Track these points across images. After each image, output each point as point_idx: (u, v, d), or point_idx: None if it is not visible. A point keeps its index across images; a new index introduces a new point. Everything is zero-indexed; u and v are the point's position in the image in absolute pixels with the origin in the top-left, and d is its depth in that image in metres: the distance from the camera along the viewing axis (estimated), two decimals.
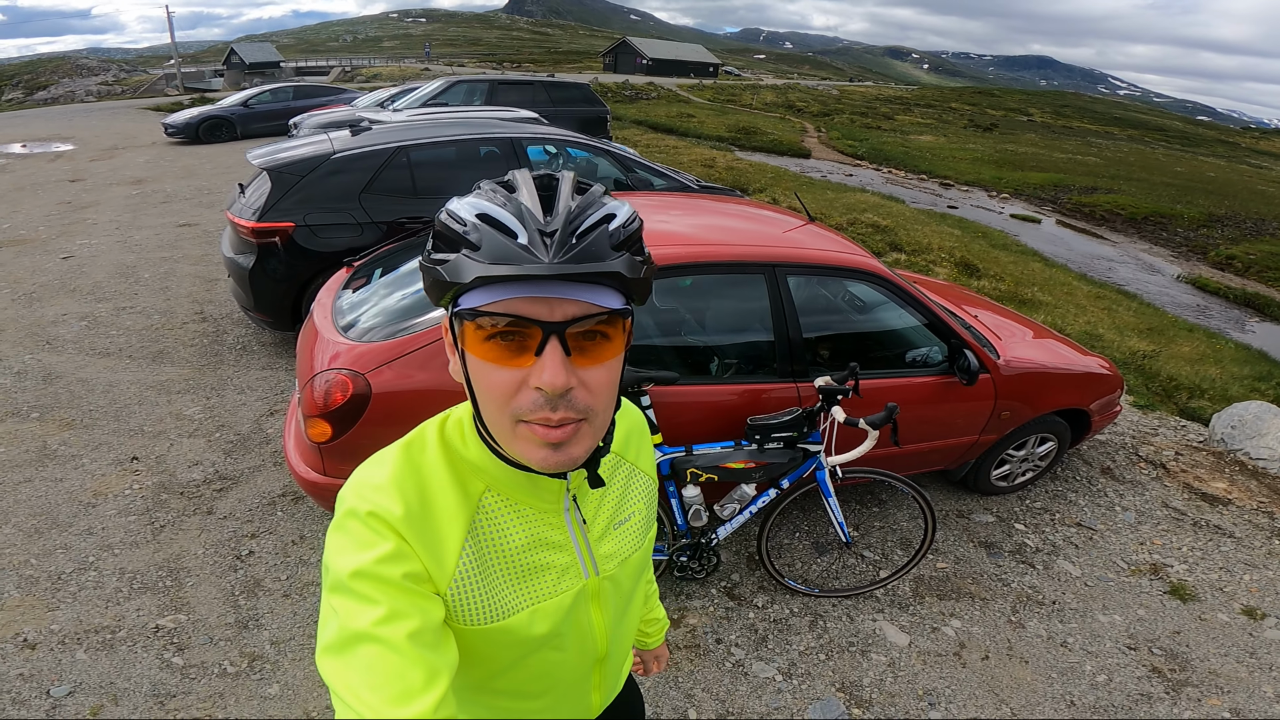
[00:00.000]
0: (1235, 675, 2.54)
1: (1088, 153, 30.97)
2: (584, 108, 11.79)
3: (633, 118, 26.00)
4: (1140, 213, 16.64)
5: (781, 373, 2.51)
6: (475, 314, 0.61)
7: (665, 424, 2.36)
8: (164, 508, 3.04)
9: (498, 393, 0.64)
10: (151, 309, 5.25)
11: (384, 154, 4.31)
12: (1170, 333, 7.60)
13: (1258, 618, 2.83)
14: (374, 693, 0.56)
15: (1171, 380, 5.59)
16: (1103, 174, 22.95)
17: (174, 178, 10.45)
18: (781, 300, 2.47)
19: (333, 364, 2.24)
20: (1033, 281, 8.44)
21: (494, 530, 0.75)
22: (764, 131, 26.08)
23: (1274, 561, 3.18)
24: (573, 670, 0.89)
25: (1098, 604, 2.83)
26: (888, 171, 21.52)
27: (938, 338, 2.79)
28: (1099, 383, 3.29)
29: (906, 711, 2.30)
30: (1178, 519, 3.44)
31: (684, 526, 2.39)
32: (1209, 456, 4.00)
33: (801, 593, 2.70)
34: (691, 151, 17.53)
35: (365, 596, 0.61)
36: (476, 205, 0.62)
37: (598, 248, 0.60)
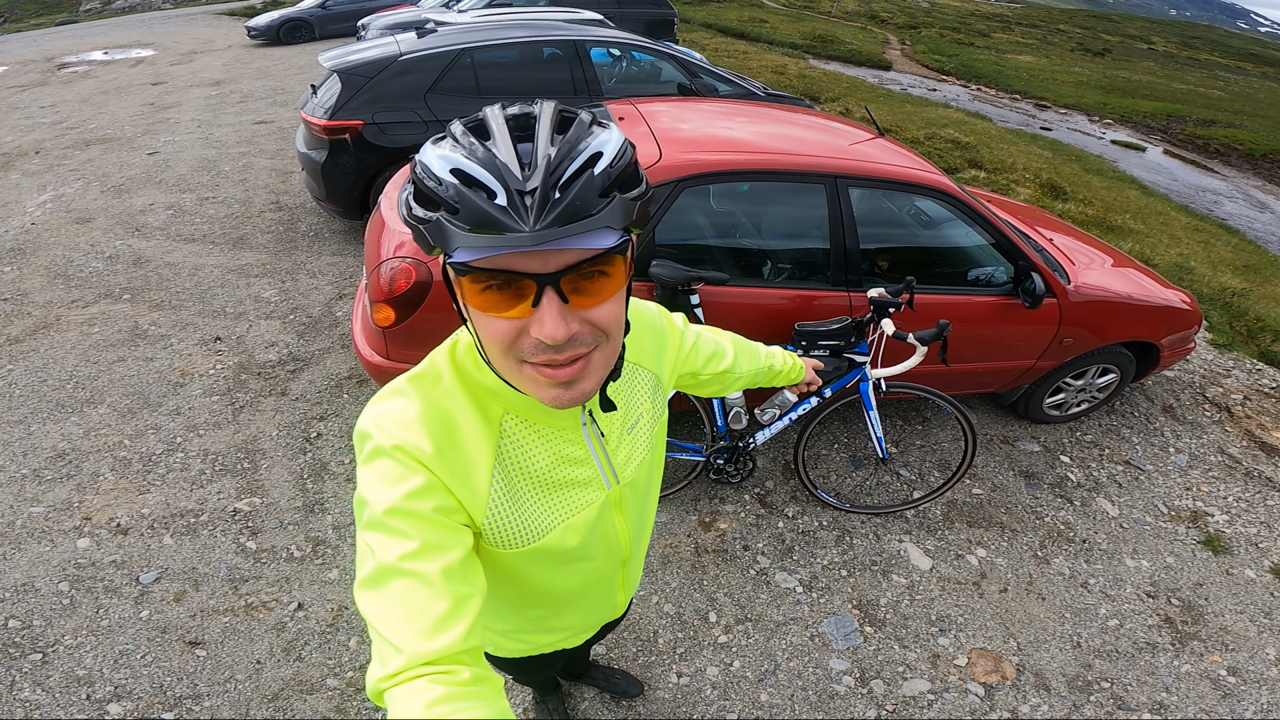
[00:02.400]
0: (1244, 633, 2.51)
1: (1213, 86, 27.57)
2: (650, 10, 11.22)
3: (701, 20, 24.54)
4: (1261, 149, 14.94)
5: (835, 281, 2.51)
6: (467, 269, 0.60)
7: (714, 322, 2.38)
8: (243, 388, 3.25)
9: (499, 340, 0.64)
10: (232, 199, 5.54)
11: (449, 56, 4.36)
12: (1268, 272, 7.01)
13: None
14: (407, 624, 0.59)
15: (1259, 321, 5.21)
16: (1226, 108, 20.51)
17: (250, 79, 10.65)
18: (841, 211, 2.46)
19: (398, 252, 2.34)
20: (1125, 209, 7.84)
21: (519, 453, 0.76)
22: (842, 40, 24.25)
23: None
24: (601, 575, 0.93)
25: (1128, 547, 2.81)
26: (977, 88, 19.84)
27: (1004, 258, 2.71)
28: (1176, 317, 3.12)
29: (917, 635, 2.36)
30: (1230, 467, 3.32)
31: (724, 428, 2.41)
32: (1279, 405, 3.80)
33: (833, 506, 2.73)
34: (763, 58, 16.59)
35: (399, 531, 0.64)
36: (450, 159, 0.59)
37: (583, 199, 0.57)
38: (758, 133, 2.76)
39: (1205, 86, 26.76)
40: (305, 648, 2.17)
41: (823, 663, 2.25)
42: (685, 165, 2.39)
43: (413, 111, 4.25)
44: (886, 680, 2.23)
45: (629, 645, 2.25)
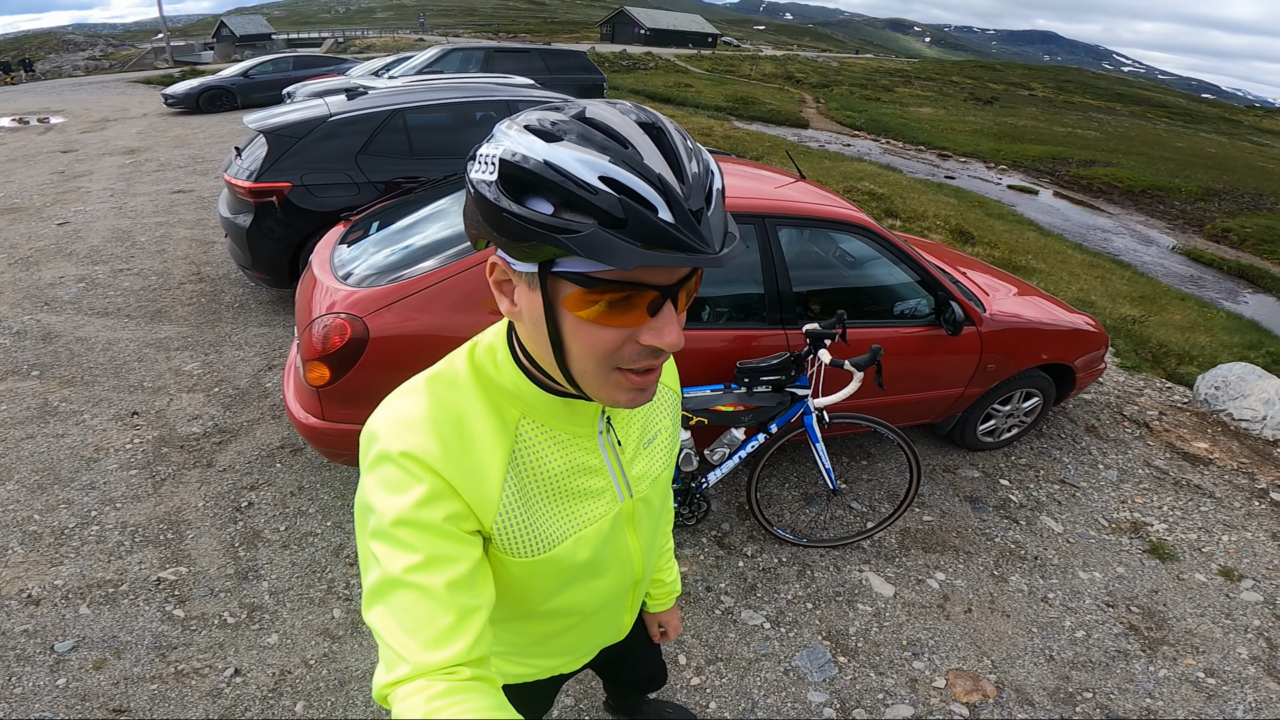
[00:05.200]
0: (1211, 635, 2.59)
1: (1088, 127, 30.71)
2: (580, 75, 11.69)
3: (630, 87, 25.69)
4: (1138, 185, 16.59)
5: (771, 320, 2.58)
6: (592, 281, 0.57)
7: None
8: (164, 461, 3.08)
9: (604, 347, 0.62)
10: (148, 270, 5.27)
11: (380, 116, 4.35)
12: (1162, 301, 7.66)
13: (1235, 579, 2.89)
14: (411, 636, 0.59)
15: (1161, 346, 5.65)
16: (1102, 148, 22.81)
17: (167, 147, 10.36)
18: (772, 251, 2.54)
19: (331, 309, 2.29)
20: (1027, 249, 8.46)
21: (533, 458, 0.74)
22: (762, 101, 25.80)
23: (1253, 523, 3.24)
24: (612, 595, 0.90)
25: (1078, 561, 2.90)
26: (886, 142, 21.35)
27: (925, 291, 2.86)
28: (1084, 339, 3.35)
29: (891, 661, 2.35)
30: (1159, 478, 3.51)
31: (675, 471, 2.48)
32: (1192, 417, 4.08)
33: (790, 542, 2.75)
34: (689, 121, 17.38)
35: (404, 543, 0.62)
36: (592, 163, 0.54)
37: (724, 218, 0.59)
38: None
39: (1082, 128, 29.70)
40: (246, 713, 2.04)
41: (801, 696, 2.21)
42: None
43: (343, 173, 4.19)
44: (868, 709, 2.19)
45: (599, 694, 2.15)
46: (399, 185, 4.21)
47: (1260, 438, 3.89)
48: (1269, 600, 2.79)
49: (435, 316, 2.27)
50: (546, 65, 11.44)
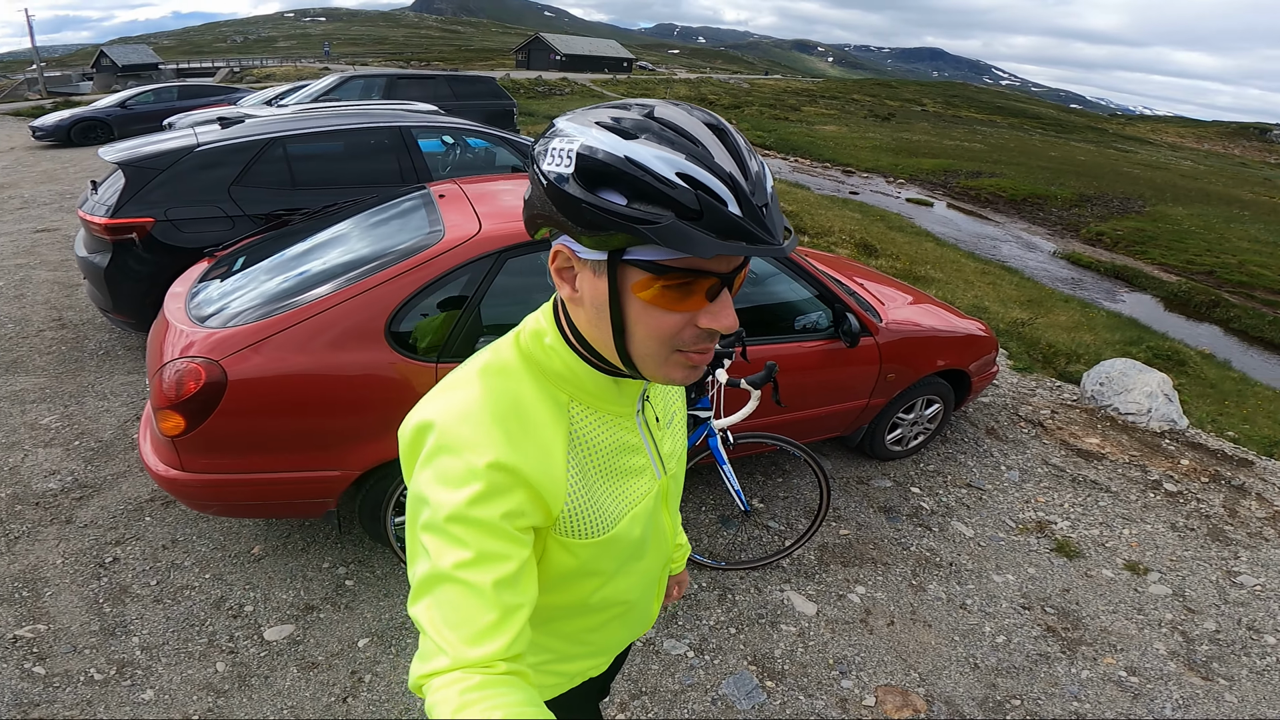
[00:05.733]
0: (1126, 633, 2.65)
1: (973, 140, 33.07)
2: (490, 101, 11.54)
3: (545, 113, 25.69)
4: (1019, 194, 17.91)
5: None
6: (661, 268, 0.62)
7: None
8: (18, 519, 2.83)
9: (665, 332, 0.66)
10: (4, 317, 4.77)
11: (256, 146, 4.08)
12: (1048, 304, 8.20)
13: (1140, 572, 2.99)
14: (454, 630, 0.60)
15: (1050, 347, 6.00)
16: (986, 159, 24.55)
17: (32, 183, 9.54)
18: None
19: (185, 352, 2.12)
20: (926, 260, 8.90)
21: (587, 439, 0.76)
22: None
23: (1150, 515, 3.39)
24: (650, 575, 0.93)
25: (991, 564, 2.95)
26: (795, 160, 22.24)
27: (823, 304, 2.88)
28: (976, 344, 3.47)
29: (819, 681, 2.31)
30: (1058, 476, 3.65)
31: None
32: (1082, 414, 4.30)
33: (708, 566, 2.71)
34: None
35: (457, 539, 0.63)
36: (670, 160, 0.59)
37: (781, 215, 0.64)
38: None
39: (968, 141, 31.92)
40: None
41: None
42: (507, 235, 2.35)
43: (215, 206, 3.90)
44: None
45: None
46: (279, 218, 3.94)
47: (1147, 430, 4.13)
48: (1177, 592, 2.89)
49: (312, 355, 2.10)
50: (453, 91, 11.24)
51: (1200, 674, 2.50)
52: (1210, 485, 3.65)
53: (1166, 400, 4.17)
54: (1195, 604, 2.84)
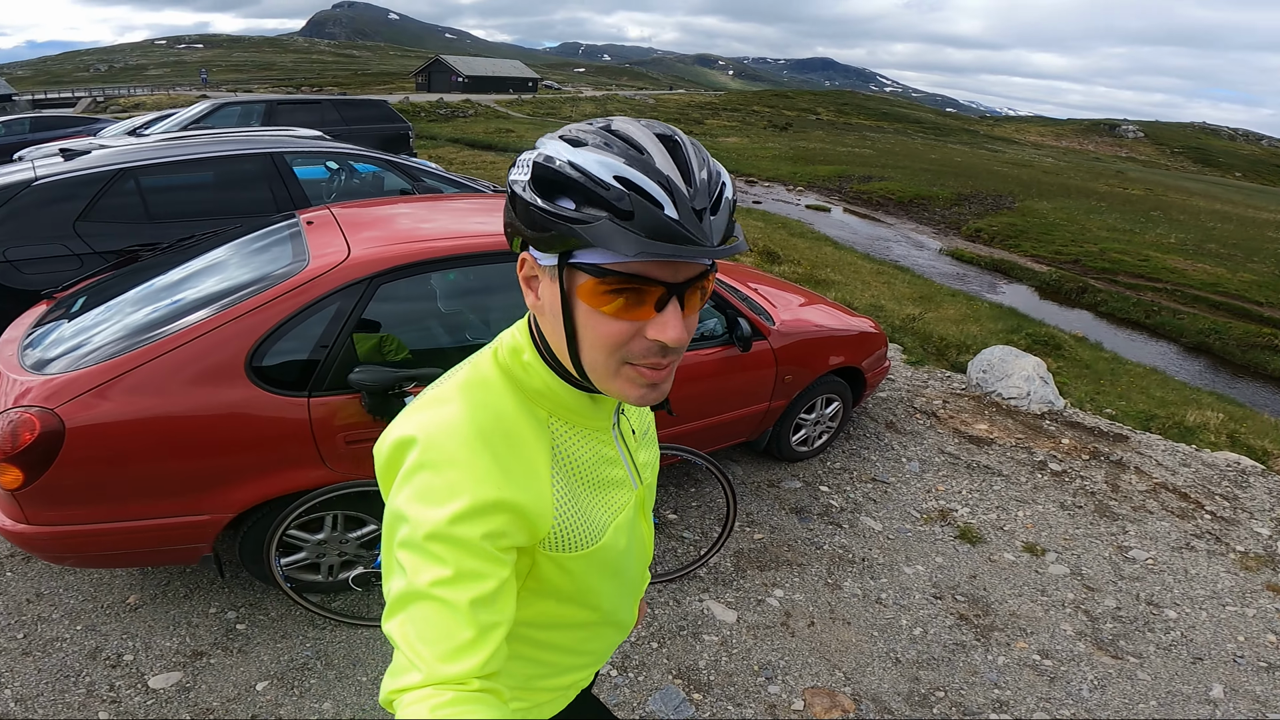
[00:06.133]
0: (1034, 615, 2.75)
1: (864, 145, 35.09)
2: (383, 125, 11.16)
3: (448, 136, 25.23)
4: (906, 196, 19.10)
5: None
6: (603, 271, 0.63)
7: None
8: None
9: (610, 340, 0.66)
10: None
11: (102, 178, 3.73)
12: (938, 299, 8.70)
13: (1039, 553, 3.12)
14: (428, 646, 0.59)
15: (941, 339, 6.34)
16: (876, 164, 26.06)
17: None
18: None
19: (18, 402, 1.96)
20: (826, 263, 9.27)
21: (569, 452, 0.77)
22: None
23: (1040, 495, 3.57)
24: (634, 582, 0.94)
25: (901, 556, 3.02)
26: None
27: (717, 311, 2.91)
28: (867, 341, 3.58)
29: (746, 689, 2.28)
30: (954, 463, 3.80)
31: None
32: (970, 401, 4.54)
33: None
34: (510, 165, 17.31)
35: (435, 556, 0.62)
36: (609, 164, 0.61)
37: (730, 221, 0.64)
38: (461, 220, 2.73)
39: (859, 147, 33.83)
40: None
41: None
42: (377, 260, 2.25)
43: (60, 244, 3.53)
44: None
45: None
46: (133, 254, 3.60)
47: (1029, 413, 4.40)
48: (1075, 571, 3.03)
49: (164, 397, 1.97)
50: (342, 117, 10.81)
51: (1109, 653, 2.59)
52: (1092, 462, 3.91)
53: (1042, 382, 4.47)
54: (1093, 582, 2.97)
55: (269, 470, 2.10)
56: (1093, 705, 2.36)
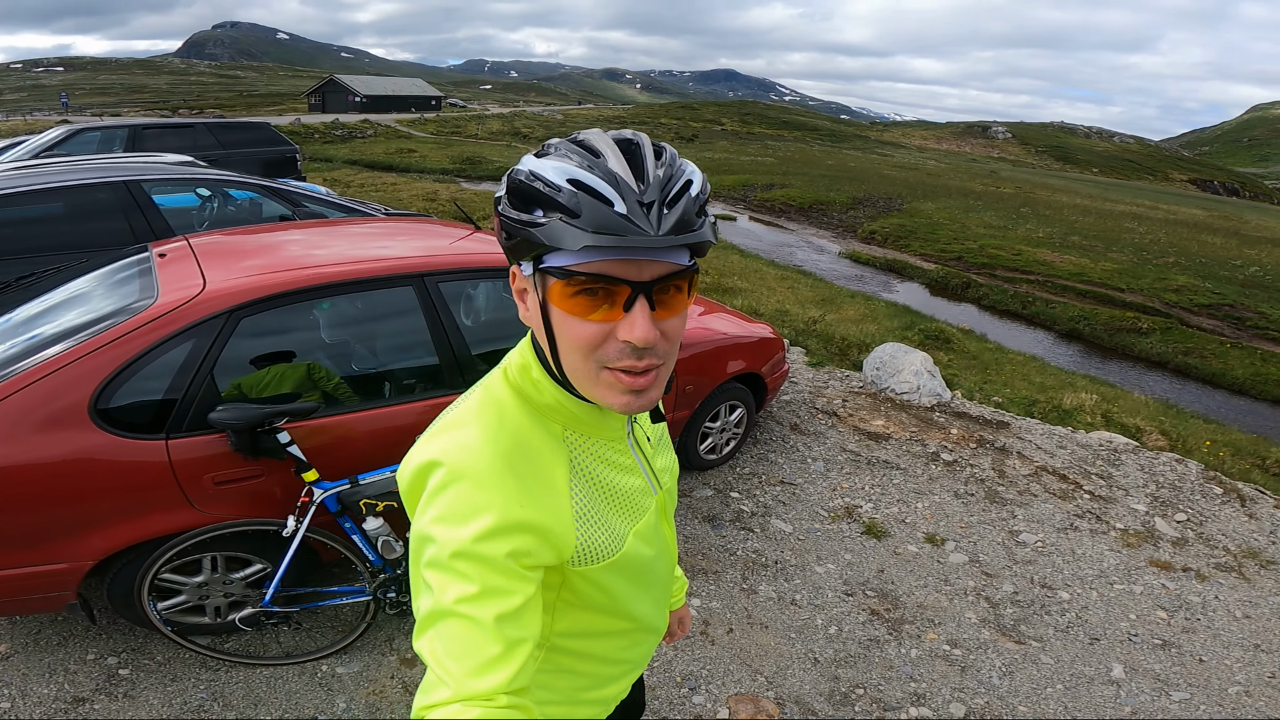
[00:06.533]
0: (940, 605, 2.83)
1: (766, 154, 36.46)
2: (266, 149, 10.54)
3: (345, 158, 24.21)
4: (806, 202, 19.93)
5: (455, 384, 2.46)
6: (567, 273, 0.65)
7: (328, 458, 2.16)
8: None
9: (584, 343, 0.68)
10: None
11: None
12: (838, 300, 9.08)
13: (939, 543, 3.24)
14: (456, 662, 0.61)
15: (842, 340, 6.60)
16: (777, 171, 27.07)
17: None
18: (437, 309, 2.43)
19: None
20: (733, 272, 9.49)
21: (586, 465, 0.79)
22: (490, 160, 26.11)
23: (936, 485, 3.73)
24: (665, 585, 0.96)
25: (812, 556, 3.07)
26: None
27: None
28: (766, 346, 3.67)
29: (671, 701, 2.26)
30: (855, 460, 3.93)
31: (379, 561, 2.22)
32: (867, 399, 4.73)
33: None
34: (413, 187, 16.84)
35: (461, 574, 0.64)
36: (563, 169, 0.65)
37: (688, 216, 0.66)
38: (338, 246, 2.63)
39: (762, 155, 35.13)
40: None
41: None
42: (236, 293, 2.13)
43: None
44: None
45: None
46: None
47: (920, 406, 4.62)
48: (973, 558, 3.16)
49: (5, 445, 1.82)
50: (218, 141, 10.14)
51: (1013, 638, 2.69)
52: (979, 450, 4.15)
53: (930, 376, 4.72)
54: (990, 568, 3.11)
55: (129, 515, 1.96)
56: (1004, 692, 2.43)
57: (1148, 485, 3.92)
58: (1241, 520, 3.66)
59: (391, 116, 52.76)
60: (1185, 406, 7.48)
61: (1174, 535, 3.46)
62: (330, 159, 23.38)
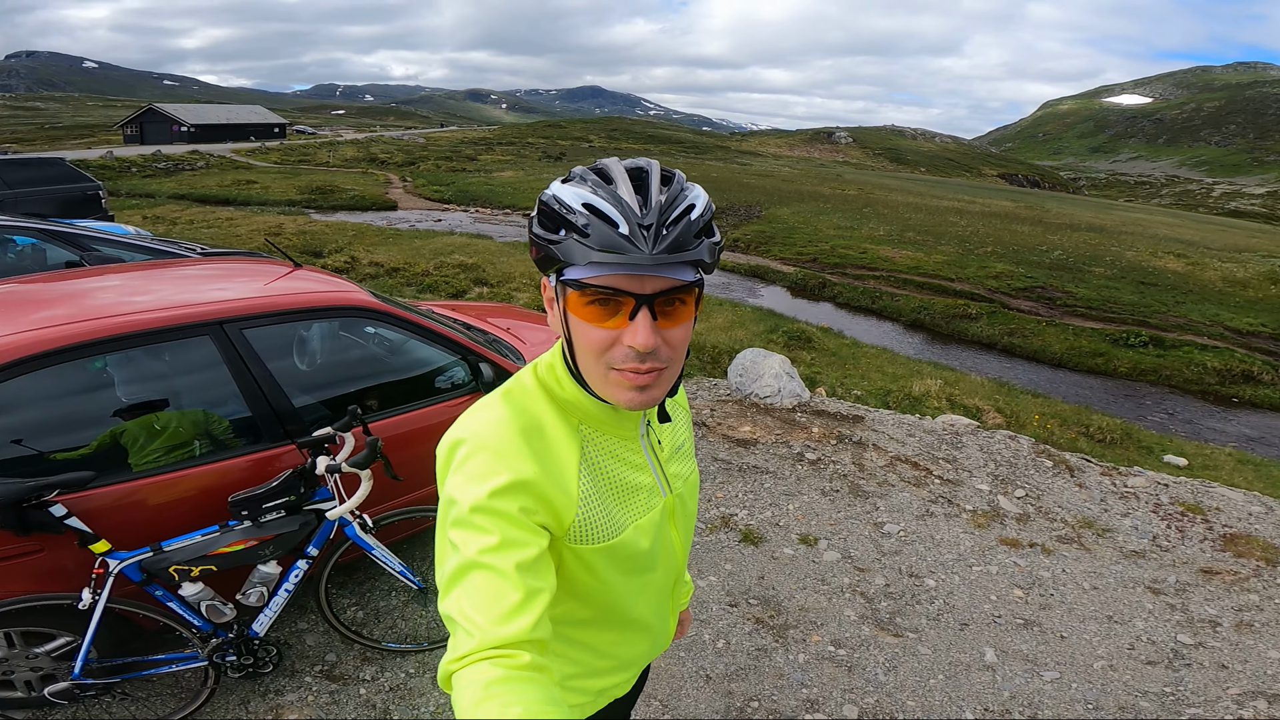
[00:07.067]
0: (820, 606, 2.83)
1: None
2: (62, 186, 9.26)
3: (171, 192, 21.90)
4: None
5: (272, 436, 2.30)
6: (580, 285, 0.76)
7: (119, 528, 2.01)
8: None
9: (595, 346, 0.78)
10: None
11: None
12: (708, 308, 9.31)
13: (813, 543, 3.27)
14: (481, 612, 0.68)
15: (714, 348, 6.73)
16: None
17: None
18: (242, 357, 2.25)
19: None
20: None
21: (597, 456, 0.88)
22: (343, 189, 24.67)
23: (804, 485, 3.79)
24: (662, 589, 1.03)
25: (694, 570, 3.01)
26: (475, 211, 22.39)
27: (454, 357, 2.81)
28: None
29: None
30: (727, 468, 3.94)
31: (207, 625, 2.14)
32: (734, 405, 4.80)
33: (411, 651, 2.53)
34: (253, 221, 15.51)
35: (481, 528, 0.73)
36: (580, 195, 0.75)
37: (684, 237, 0.74)
38: (112, 298, 2.34)
39: None
40: None
41: None
42: None
43: None
44: None
45: None
46: None
47: (783, 408, 4.75)
48: (845, 554, 3.21)
49: None
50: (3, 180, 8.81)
51: (891, 632, 2.73)
52: (839, 446, 4.30)
53: (790, 378, 4.87)
54: (861, 562, 3.17)
55: None
56: (891, 688, 2.46)
57: (988, 465, 4.21)
58: (1073, 491, 3.99)
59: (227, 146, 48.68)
60: (1015, 383, 8.33)
61: (1017, 512, 3.71)
62: (153, 194, 21.09)
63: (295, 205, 21.02)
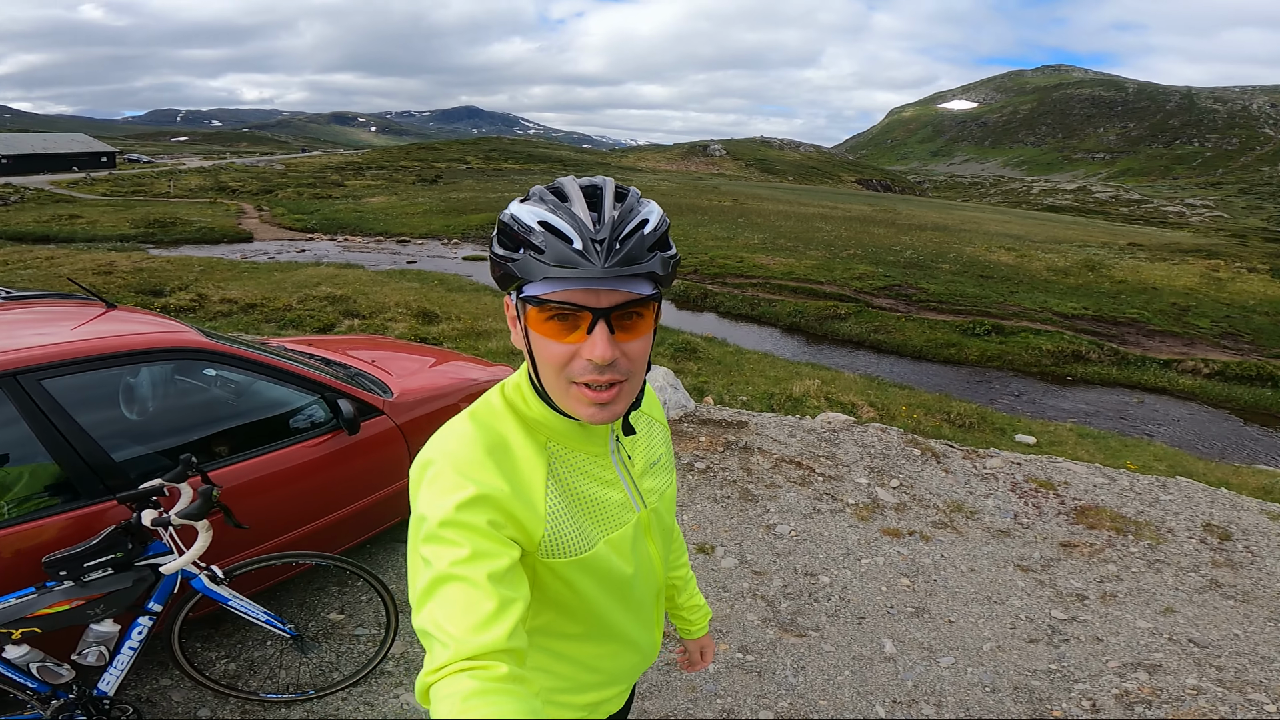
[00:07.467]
0: (724, 614, 2.80)
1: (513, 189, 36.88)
2: None
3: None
4: None
5: (91, 492, 2.13)
6: (538, 300, 0.76)
7: None
8: None
9: (555, 360, 0.78)
10: None
11: None
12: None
13: (710, 551, 3.25)
14: (454, 623, 0.67)
15: None
16: None
17: None
18: (44, 411, 2.08)
19: None
20: (488, 314, 9.23)
21: (565, 473, 0.88)
22: (188, 220, 22.59)
23: (697, 494, 3.80)
24: (642, 601, 1.02)
25: None
26: (344, 239, 21.20)
27: (311, 394, 2.61)
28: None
29: None
30: None
31: (44, 687, 1.98)
32: None
33: (298, 701, 2.37)
34: (78, 259, 13.87)
35: (450, 541, 0.73)
36: (536, 213, 0.77)
37: (637, 251, 0.76)
38: None
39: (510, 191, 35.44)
40: None
41: None
42: None
43: None
44: None
45: None
46: None
47: (670, 420, 4.80)
48: (741, 559, 3.21)
49: None
50: None
51: (794, 632, 2.74)
52: (727, 452, 4.39)
53: (674, 389, 4.94)
54: (758, 566, 3.19)
55: None
56: (802, 689, 2.46)
57: (864, 458, 4.43)
58: (941, 476, 4.28)
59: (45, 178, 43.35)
60: (884, 377, 8.97)
61: (894, 501, 3.92)
62: None
63: (130, 240, 19.02)
